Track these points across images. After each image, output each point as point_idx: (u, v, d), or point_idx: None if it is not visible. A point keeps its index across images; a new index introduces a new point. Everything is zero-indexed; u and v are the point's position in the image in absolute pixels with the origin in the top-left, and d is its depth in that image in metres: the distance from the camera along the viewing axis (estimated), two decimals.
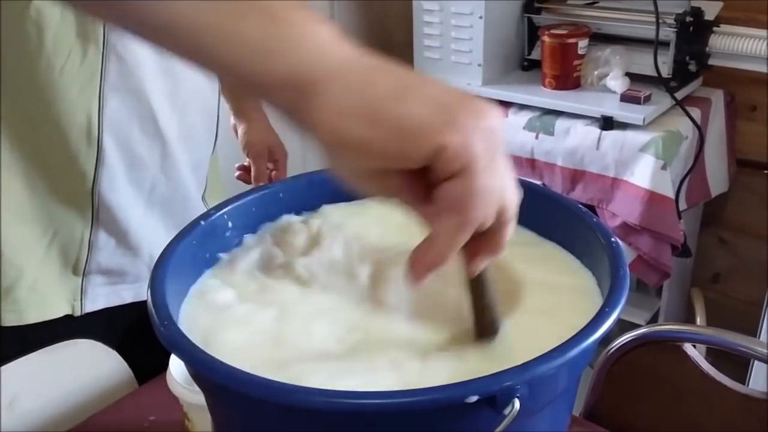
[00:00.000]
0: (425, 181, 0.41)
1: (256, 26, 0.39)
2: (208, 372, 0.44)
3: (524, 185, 0.65)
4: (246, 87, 0.42)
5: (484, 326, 0.50)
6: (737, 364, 1.30)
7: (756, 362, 1.54)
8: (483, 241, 0.44)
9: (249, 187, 1.11)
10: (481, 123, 0.40)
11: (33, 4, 0.75)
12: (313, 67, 0.39)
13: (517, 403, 0.42)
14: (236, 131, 1.18)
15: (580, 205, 0.61)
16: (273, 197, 0.65)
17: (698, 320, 1.82)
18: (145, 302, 0.90)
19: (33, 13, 0.75)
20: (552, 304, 0.55)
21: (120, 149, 0.84)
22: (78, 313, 0.90)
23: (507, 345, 0.51)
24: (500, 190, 0.42)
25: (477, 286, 0.49)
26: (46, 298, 0.87)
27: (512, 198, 0.43)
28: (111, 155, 0.83)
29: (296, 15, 0.40)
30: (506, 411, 0.42)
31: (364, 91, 0.39)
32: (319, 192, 0.66)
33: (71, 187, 0.84)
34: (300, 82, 0.39)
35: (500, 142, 0.41)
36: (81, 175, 0.83)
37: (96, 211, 0.86)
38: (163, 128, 0.87)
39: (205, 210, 0.62)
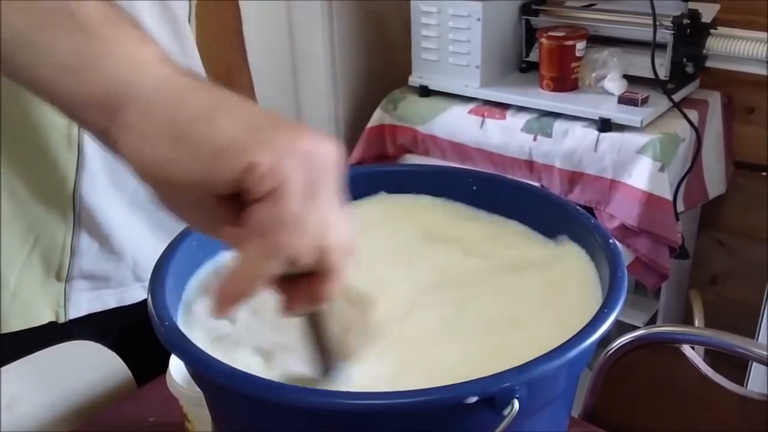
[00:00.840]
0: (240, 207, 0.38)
1: (67, 40, 0.37)
2: (209, 372, 0.44)
3: (523, 187, 0.66)
4: (58, 106, 0.39)
5: (321, 362, 0.48)
6: (736, 365, 1.30)
7: (754, 364, 1.54)
8: (303, 285, 0.41)
9: None
10: (298, 146, 0.37)
11: None
12: (123, 87, 0.37)
13: (516, 404, 0.42)
14: None
15: (578, 207, 0.62)
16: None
17: (696, 322, 1.82)
18: (132, 306, 0.91)
19: None
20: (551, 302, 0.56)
21: (101, 152, 0.83)
22: (62, 320, 0.88)
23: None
24: (319, 226, 0.38)
25: (311, 325, 0.46)
26: (29, 305, 0.86)
27: (336, 242, 0.40)
28: (92, 159, 0.82)
29: (114, 32, 0.38)
30: (505, 411, 0.42)
31: (171, 112, 0.37)
32: None
33: (52, 192, 0.83)
34: (109, 102, 0.37)
35: (325, 175, 0.39)
36: (62, 179, 0.82)
37: (77, 216, 0.84)
38: None
39: None
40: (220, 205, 0.38)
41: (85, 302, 0.90)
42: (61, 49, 0.37)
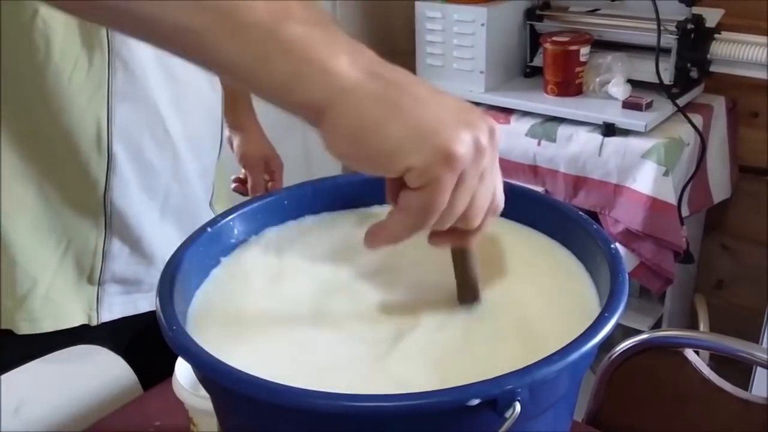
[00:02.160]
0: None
1: (278, 67, 0.46)
2: (217, 376, 0.44)
3: (525, 194, 0.67)
4: (282, 108, 0.49)
5: (465, 292, 0.57)
6: (740, 370, 1.30)
7: (758, 368, 1.54)
8: (450, 232, 0.52)
9: (246, 198, 1.12)
10: (453, 150, 0.46)
11: (40, 15, 0.76)
12: (323, 99, 0.47)
13: (518, 406, 0.43)
14: (231, 143, 1.19)
15: (581, 212, 0.62)
16: (278, 204, 0.66)
17: (701, 326, 1.82)
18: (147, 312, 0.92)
19: (40, 24, 0.76)
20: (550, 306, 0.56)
21: (131, 156, 0.85)
22: (95, 323, 0.90)
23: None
24: (460, 208, 0.49)
25: (458, 258, 0.56)
26: (61, 308, 0.87)
27: (477, 211, 0.50)
28: (122, 163, 0.84)
29: (316, 51, 0.46)
30: (507, 414, 0.43)
31: (356, 121, 0.47)
32: (323, 199, 0.67)
33: (83, 196, 0.84)
34: (313, 109, 0.47)
35: (475, 166, 0.48)
36: (93, 183, 0.84)
37: (109, 220, 0.86)
38: (173, 135, 0.88)
39: (213, 216, 0.63)
40: (393, 182, 0.50)
41: (117, 306, 0.91)
42: (277, 76, 0.46)
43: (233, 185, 1.23)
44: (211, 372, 0.45)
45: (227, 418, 0.53)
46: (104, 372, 0.93)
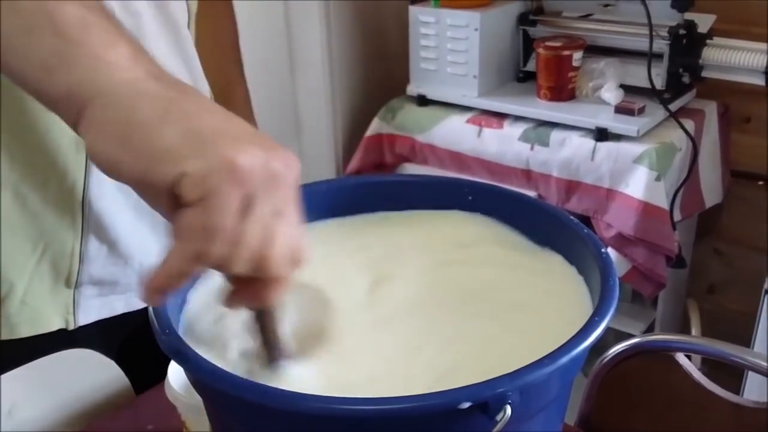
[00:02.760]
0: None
1: (42, 43, 0.41)
2: (209, 379, 0.45)
3: (516, 198, 0.67)
4: (40, 101, 0.44)
5: (271, 354, 0.50)
6: (732, 375, 1.31)
7: (750, 373, 1.55)
8: (246, 285, 0.44)
9: None
10: (237, 160, 0.39)
11: None
12: (89, 87, 0.41)
13: (508, 410, 0.43)
14: None
15: (572, 217, 0.62)
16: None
17: (693, 331, 1.83)
18: (137, 312, 0.92)
19: None
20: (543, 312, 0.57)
21: None
22: (72, 327, 0.89)
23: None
24: (255, 238, 0.41)
25: (259, 319, 0.49)
26: (38, 312, 0.86)
27: (277, 254, 0.42)
28: None
29: (87, 35, 0.41)
30: (498, 417, 0.43)
31: (125, 115, 0.40)
32: (313, 206, 0.67)
33: (63, 198, 0.83)
34: (74, 100, 0.41)
35: (268, 189, 0.41)
36: (71, 184, 0.82)
37: (86, 221, 0.85)
38: None
39: None
40: (169, 201, 0.41)
41: (93, 309, 0.91)
42: (40, 51, 0.41)
43: None
44: (204, 375, 0.45)
45: (219, 421, 0.53)
46: (97, 375, 0.93)
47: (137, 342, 0.97)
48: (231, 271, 0.42)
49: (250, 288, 0.44)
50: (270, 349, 0.50)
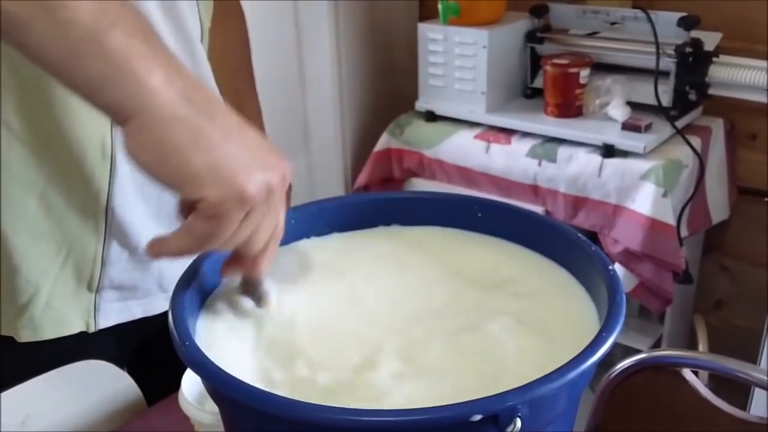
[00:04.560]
0: None
1: (93, 67, 0.49)
2: (230, 391, 0.46)
3: (524, 215, 0.69)
4: (87, 101, 0.52)
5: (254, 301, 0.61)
6: (739, 391, 1.31)
7: (756, 389, 1.55)
8: (239, 260, 0.58)
9: None
10: (247, 190, 0.50)
11: None
12: (131, 107, 0.50)
13: (518, 422, 0.44)
14: None
15: (579, 234, 0.64)
16: (285, 223, 0.67)
17: (701, 347, 1.83)
18: (151, 320, 0.93)
19: None
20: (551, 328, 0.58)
21: (130, 164, 0.86)
22: (92, 330, 0.91)
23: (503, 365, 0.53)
24: (241, 237, 0.53)
25: (248, 280, 0.61)
26: (61, 315, 0.89)
27: (262, 240, 0.55)
28: (122, 169, 0.85)
29: (132, 61, 0.49)
30: (508, 429, 0.44)
31: (157, 136, 0.50)
32: (328, 219, 0.69)
33: (87, 203, 0.86)
34: (123, 112, 0.50)
35: (263, 204, 0.52)
36: (96, 191, 0.85)
37: (109, 227, 0.87)
38: None
39: None
40: (187, 204, 0.53)
41: (113, 312, 0.93)
42: (89, 73, 0.50)
43: None
44: (224, 387, 0.46)
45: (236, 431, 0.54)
46: (110, 387, 0.94)
47: (149, 351, 0.99)
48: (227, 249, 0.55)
49: (242, 260, 0.58)
50: (255, 299, 0.61)
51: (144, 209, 0.89)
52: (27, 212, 0.84)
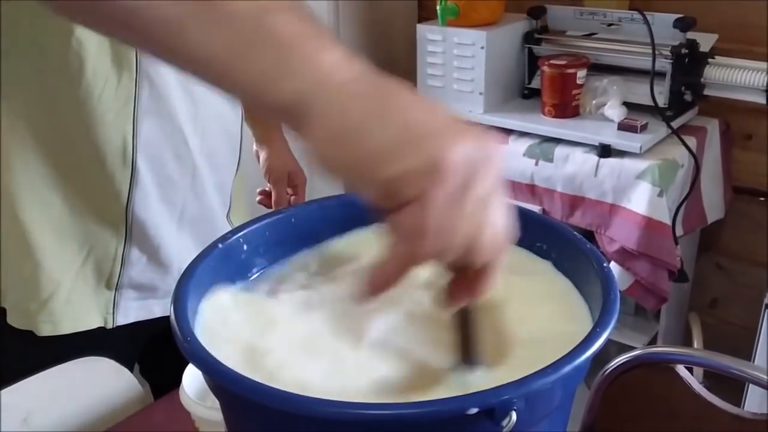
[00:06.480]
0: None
1: (263, 56, 0.43)
2: (232, 385, 0.47)
3: (520, 212, 0.69)
4: (260, 110, 0.47)
5: (465, 357, 0.52)
6: (734, 388, 1.32)
7: (751, 385, 1.56)
8: (463, 279, 0.47)
9: (268, 210, 1.15)
10: (448, 156, 0.41)
11: (75, 35, 0.79)
12: (305, 93, 0.43)
13: (514, 416, 0.45)
14: (258, 157, 1.23)
15: (575, 232, 0.65)
16: (285, 222, 0.68)
17: (695, 344, 1.84)
18: (163, 318, 0.95)
19: (75, 44, 0.79)
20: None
21: (153, 169, 0.88)
22: (110, 326, 0.93)
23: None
24: (466, 229, 0.43)
25: (460, 319, 0.51)
26: (80, 311, 0.91)
27: (489, 244, 0.44)
28: (144, 175, 0.87)
29: (303, 44, 0.43)
30: (504, 423, 0.45)
31: (337, 119, 0.43)
32: (329, 218, 0.70)
33: (107, 206, 0.88)
34: (298, 109, 0.43)
35: (475, 179, 0.42)
36: (116, 194, 0.87)
37: (129, 229, 0.89)
38: (192, 149, 0.91)
39: (230, 229, 0.66)
40: (382, 200, 0.44)
41: (132, 310, 0.95)
42: (261, 64, 0.43)
43: (258, 197, 1.26)
44: (227, 382, 0.47)
45: (237, 427, 0.55)
46: (111, 383, 0.95)
47: (158, 347, 1.00)
48: (444, 261, 0.45)
49: (465, 281, 0.47)
50: (468, 350, 0.51)
51: (167, 215, 0.91)
52: (51, 211, 0.86)
